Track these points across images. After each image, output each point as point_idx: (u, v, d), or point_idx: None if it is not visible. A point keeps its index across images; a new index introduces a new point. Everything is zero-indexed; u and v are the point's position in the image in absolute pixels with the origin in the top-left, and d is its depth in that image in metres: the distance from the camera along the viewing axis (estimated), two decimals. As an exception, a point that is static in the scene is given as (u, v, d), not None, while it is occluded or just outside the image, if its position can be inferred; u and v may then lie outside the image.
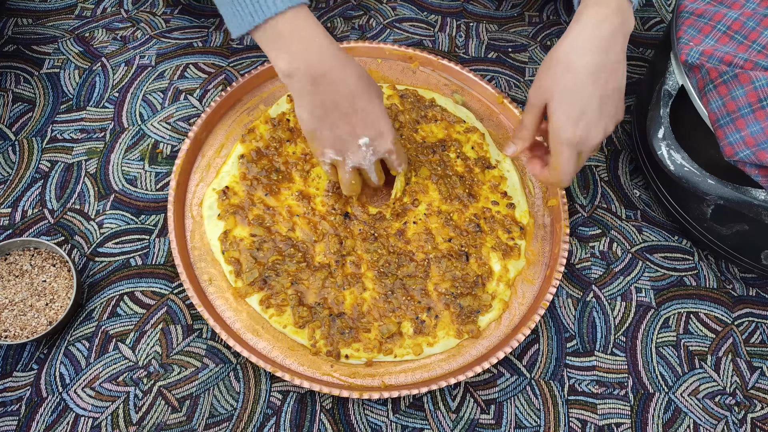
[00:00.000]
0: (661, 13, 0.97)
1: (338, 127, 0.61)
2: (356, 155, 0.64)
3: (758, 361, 0.70)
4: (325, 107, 0.60)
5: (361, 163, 0.65)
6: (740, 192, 0.61)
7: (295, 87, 0.59)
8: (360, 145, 0.63)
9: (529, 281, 0.72)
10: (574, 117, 0.57)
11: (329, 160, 0.65)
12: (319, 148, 0.64)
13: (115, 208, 0.75)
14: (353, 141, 0.62)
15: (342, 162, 0.65)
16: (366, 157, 0.64)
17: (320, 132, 0.62)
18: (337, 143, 0.63)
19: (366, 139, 0.63)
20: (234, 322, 0.67)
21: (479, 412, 0.66)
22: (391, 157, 0.66)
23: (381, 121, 0.63)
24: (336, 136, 0.62)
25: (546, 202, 0.76)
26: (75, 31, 0.89)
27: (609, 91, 0.58)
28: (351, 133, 0.62)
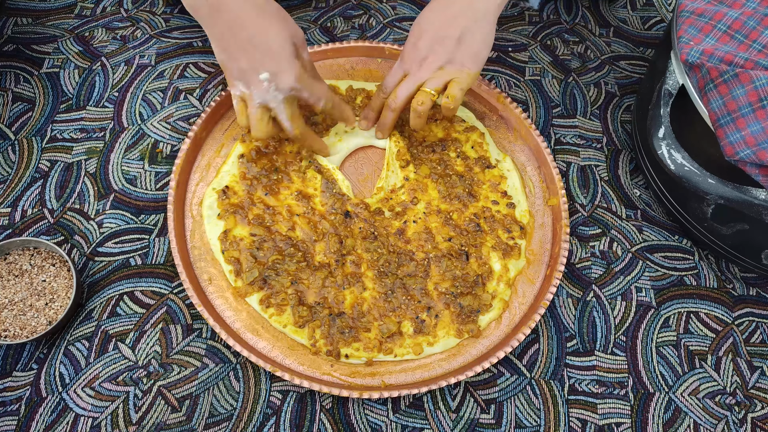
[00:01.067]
0: (661, 12, 0.97)
1: (239, 60, 0.62)
2: (260, 91, 0.63)
3: (758, 360, 0.70)
4: (225, 38, 0.61)
5: (266, 100, 0.63)
6: (741, 191, 0.61)
7: (200, 18, 0.62)
8: (261, 81, 0.62)
9: (530, 281, 0.72)
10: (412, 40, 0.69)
11: (239, 93, 0.65)
12: (231, 79, 0.64)
13: (115, 208, 0.75)
14: (254, 75, 0.62)
15: (249, 96, 0.64)
16: (269, 93, 0.63)
17: (227, 63, 0.63)
18: (242, 76, 0.62)
19: (266, 74, 0.62)
20: (234, 322, 0.67)
21: (479, 412, 0.66)
22: (302, 95, 0.65)
23: (281, 57, 0.62)
24: (239, 68, 0.62)
25: (546, 202, 0.76)
26: (75, 31, 0.89)
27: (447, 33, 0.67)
28: (251, 67, 0.62)
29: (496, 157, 0.78)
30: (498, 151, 0.79)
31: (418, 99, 0.69)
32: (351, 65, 0.85)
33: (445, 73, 0.68)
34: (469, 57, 0.68)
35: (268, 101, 0.64)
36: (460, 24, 0.66)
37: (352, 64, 0.85)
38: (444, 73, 0.68)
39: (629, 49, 0.93)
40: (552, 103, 0.86)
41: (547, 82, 0.88)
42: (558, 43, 0.93)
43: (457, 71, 0.68)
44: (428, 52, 0.68)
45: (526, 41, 0.92)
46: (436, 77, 0.68)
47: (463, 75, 0.68)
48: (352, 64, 0.85)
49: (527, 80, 0.88)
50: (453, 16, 0.67)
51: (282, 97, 0.64)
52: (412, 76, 0.69)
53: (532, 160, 0.79)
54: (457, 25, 0.67)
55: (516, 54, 0.91)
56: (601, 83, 0.89)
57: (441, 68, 0.68)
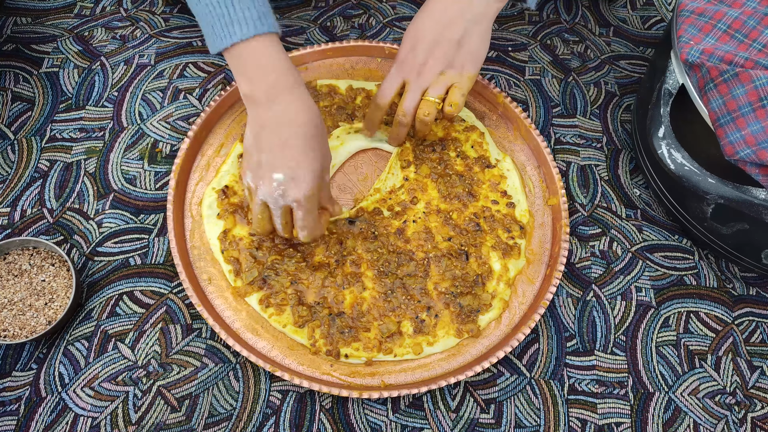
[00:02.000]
0: (661, 11, 0.97)
1: (263, 152, 0.61)
2: (266, 188, 0.61)
3: (758, 360, 0.70)
4: (260, 131, 0.61)
5: (268, 198, 0.62)
6: (740, 191, 0.61)
7: (250, 110, 0.62)
8: (272, 180, 0.61)
9: (529, 280, 0.72)
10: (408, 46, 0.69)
11: (245, 183, 0.64)
12: (243, 168, 0.64)
13: (115, 208, 0.75)
14: (268, 173, 0.61)
15: (254, 190, 0.63)
16: (273, 196, 0.62)
17: (250, 153, 0.62)
18: (257, 168, 0.62)
19: (280, 176, 0.60)
20: (233, 322, 0.67)
21: (479, 412, 0.66)
22: (297, 211, 0.62)
23: (303, 169, 0.60)
24: (258, 160, 0.61)
25: (546, 201, 0.76)
26: (74, 30, 0.89)
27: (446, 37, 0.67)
28: (270, 164, 0.61)
29: (496, 157, 0.78)
30: (498, 151, 0.79)
31: (423, 110, 0.70)
32: (351, 65, 0.85)
33: (446, 78, 0.68)
34: (468, 59, 0.68)
35: (269, 201, 0.63)
36: (459, 27, 0.66)
37: (351, 64, 0.85)
38: (445, 78, 0.68)
39: (629, 49, 0.93)
40: (552, 103, 0.86)
41: (546, 82, 0.88)
42: (558, 42, 0.93)
43: (457, 75, 0.68)
44: (427, 57, 0.68)
45: (526, 41, 0.92)
46: (438, 84, 0.68)
47: (464, 79, 0.68)
48: (351, 63, 0.85)
49: (527, 80, 0.88)
50: (451, 19, 0.66)
51: (282, 204, 0.62)
52: (414, 84, 0.69)
53: (531, 159, 0.79)
54: (455, 28, 0.66)
55: (516, 53, 0.91)
56: (601, 83, 0.89)
57: (442, 73, 0.68)
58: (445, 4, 0.67)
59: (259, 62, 0.60)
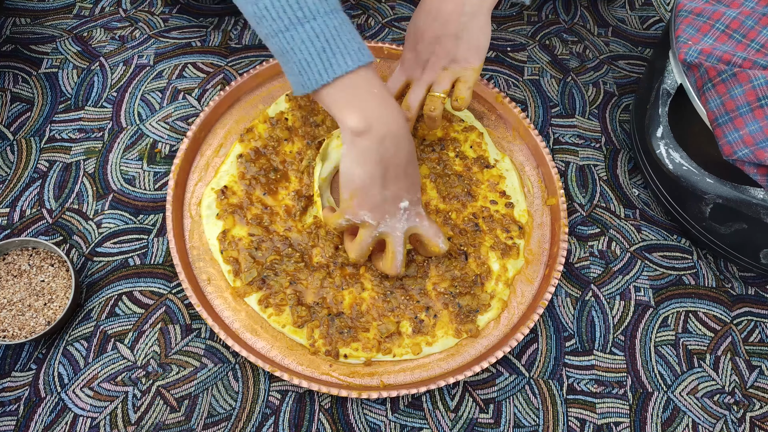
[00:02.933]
0: (660, 12, 0.97)
1: (387, 189, 0.60)
2: (392, 219, 0.62)
3: (757, 360, 0.70)
4: (382, 167, 0.59)
5: (394, 228, 0.62)
6: (739, 191, 0.61)
7: (362, 144, 0.58)
8: (400, 209, 0.61)
9: (528, 280, 0.72)
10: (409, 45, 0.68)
11: (359, 221, 0.62)
12: (356, 208, 0.61)
13: (114, 208, 0.75)
14: (396, 204, 0.61)
15: (373, 227, 0.62)
16: (400, 222, 0.62)
17: (369, 191, 0.60)
18: (378, 206, 0.61)
19: (406, 204, 0.62)
20: (233, 322, 0.67)
21: (478, 412, 0.66)
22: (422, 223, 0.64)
23: (418, 188, 0.63)
24: (383, 198, 0.60)
25: (545, 201, 0.76)
26: (73, 31, 0.89)
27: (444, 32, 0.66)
28: (396, 197, 0.61)
29: (495, 157, 0.78)
30: (497, 151, 0.79)
31: (429, 105, 0.69)
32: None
33: (450, 73, 0.68)
34: (471, 52, 0.67)
35: (394, 231, 0.63)
36: (456, 21, 0.66)
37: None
38: (449, 72, 0.68)
39: (628, 49, 0.93)
40: (550, 103, 0.86)
41: (545, 82, 0.88)
42: (557, 42, 0.93)
43: (461, 69, 0.68)
44: (429, 54, 0.68)
45: (525, 41, 0.92)
46: (442, 78, 0.68)
47: (468, 72, 0.68)
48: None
49: (526, 80, 0.88)
50: (448, 14, 0.66)
51: (406, 228, 0.63)
52: (418, 81, 0.69)
53: (530, 159, 0.79)
54: (453, 22, 0.66)
55: (514, 54, 0.91)
56: (600, 83, 0.89)
57: (445, 68, 0.68)
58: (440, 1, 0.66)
59: (370, 93, 0.57)
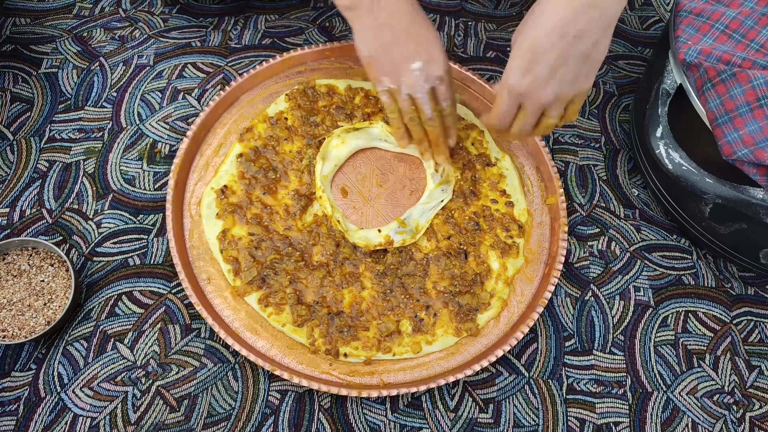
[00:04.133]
0: (659, 12, 0.97)
1: (392, 53, 0.63)
2: (408, 80, 0.64)
3: (756, 359, 0.70)
4: (382, 36, 0.63)
5: (414, 89, 0.65)
6: (738, 191, 0.61)
7: (356, 16, 0.64)
8: (413, 70, 0.64)
9: (528, 279, 0.72)
10: (524, 66, 0.57)
11: (386, 87, 0.66)
12: (377, 76, 0.66)
13: (114, 208, 0.75)
14: (406, 65, 0.64)
15: (397, 90, 0.66)
16: (419, 83, 0.64)
17: (377, 58, 0.64)
18: (391, 69, 0.64)
19: (419, 64, 0.63)
20: (233, 321, 0.67)
21: (478, 411, 0.66)
22: (441, 86, 0.66)
23: (434, 47, 0.64)
24: (391, 62, 0.64)
25: (544, 201, 0.76)
26: (73, 31, 0.89)
27: (573, 52, 0.55)
28: (404, 58, 0.63)
29: (496, 156, 0.78)
30: (497, 150, 0.79)
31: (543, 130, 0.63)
32: (349, 64, 0.85)
33: (567, 98, 0.59)
34: (592, 71, 0.58)
35: (416, 91, 0.65)
36: (590, 38, 0.55)
37: (350, 63, 0.85)
38: (566, 98, 0.59)
39: (627, 49, 0.93)
40: (550, 103, 0.86)
41: (545, 82, 0.88)
42: (556, 42, 0.93)
43: (580, 92, 0.59)
44: (549, 79, 0.56)
45: (525, 41, 0.92)
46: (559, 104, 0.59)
47: (583, 95, 0.60)
48: (350, 63, 0.85)
49: (525, 80, 0.88)
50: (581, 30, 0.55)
51: (428, 87, 0.65)
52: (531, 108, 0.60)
53: (530, 159, 0.79)
54: (586, 40, 0.55)
55: (514, 54, 0.91)
56: (600, 83, 0.89)
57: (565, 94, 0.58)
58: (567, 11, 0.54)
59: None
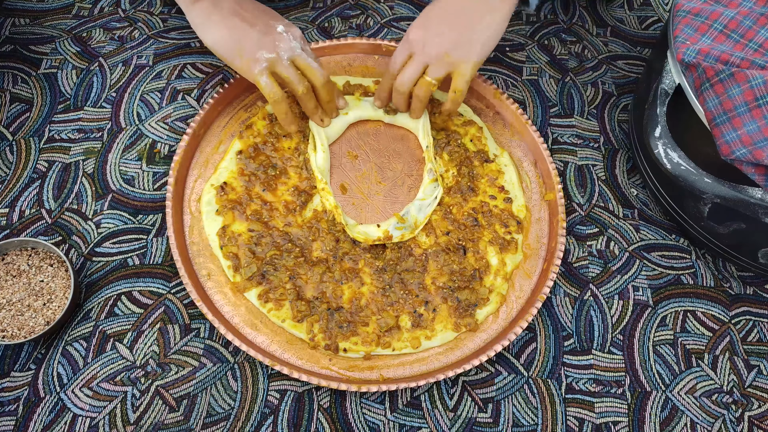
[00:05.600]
0: (658, 12, 0.98)
1: (255, 25, 0.67)
2: (283, 42, 0.67)
3: (755, 359, 0.70)
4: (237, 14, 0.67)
5: (292, 49, 0.68)
6: (737, 190, 0.61)
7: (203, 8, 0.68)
8: (281, 32, 0.67)
9: (527, 275, 0.72)
10: (420, 23, 0.69)
11: (266, 63, 0.67)
12: (251, 56, 0.67)
13: (113, 208, 0.75)
14: (273, 31, 0.67)
15: (278, 58, 0.67)
16: (292, 42, 0.68)
17: (244, 37, 0.67)
18: (263, 39, 0.67)
19: (281, 26, 0.69)
20: (233, 317, 0.67)
21: (477, 411, 0.66)
22: (305, 45, 0.70)
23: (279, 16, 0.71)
24: (258, 32, 0.67)
25: (543, 197, 0.76)
26: (72, 31, 0.89)
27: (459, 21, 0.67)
28: (268, 26, 0.67)
29: (494, 152, 0.78)
30: (496, 146, 0.79)
31: (419, 88, 0.71)
32: (348, 62, 0.86)
33: (450, 61, 0.68)
34: (477, 46, 0.67)
35: (295, 53, 0.68)
36: (475, 12, 0.67)
37: (349, 61, 0.86)
38: (449, 60, 0.68)
39: (626, 49, 0.93)
40: (549, 103, 0.87)
41: (544, 82, 0.88)
42: (555, 42, 0.93)
43: (462, 60, 0.68)
44: (436, 34, 0.68)
45: (524, 41, 0.93)
46: (440, 64, 0.68)
47: (468, 66, 0.68)
48: (349, 60, 0.86)
49: (524, 80, 0.89)
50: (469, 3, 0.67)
51: (298, 45, 0.69)
52: (417, 57, 0.69)
53: (528, 155, 0.80)
54: (472, 12, 0.67)
55: (513, 54, 0.91)
56: (599, 83, 0.89)
57: (447, 54, 0.68)
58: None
59: None
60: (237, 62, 0.68)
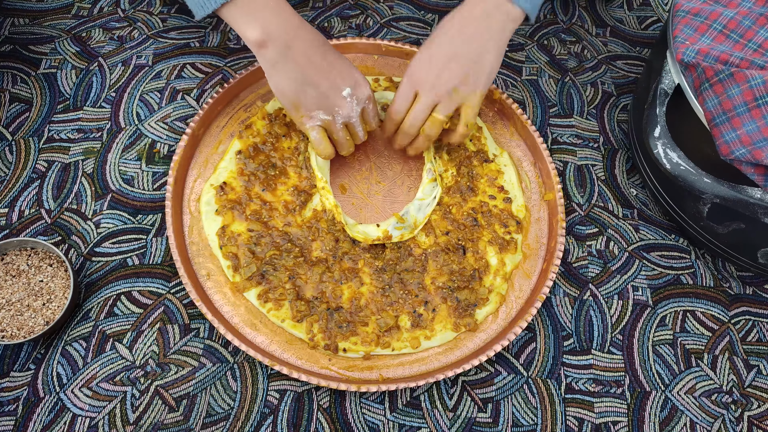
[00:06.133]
0: (657, 12, 0.98)
1: (320, 85, 0.64)
2: (344, 109, 0.67)
3: (755, 359, 0.71)
4: (303, 68, 0.63)
5: (349, 116, 0.67)
6: (736, 190, 0.61)
7: (269, 56, 0.63)
8: (345, 97, 0.66)
9: (526, 275, 0.72)
10: (424, 58, 0.67)
11: (320, 122, 0.67)
12: (307, 113, 0.66)
13: (112, 208, 0.75)
14: (338, 94, 0.65)
15: (332, 121, 0.67)
16: (353, 109, 0.67)
17: (304, 95, 0.65)
18: (323, 101, 0.65)
19: (348, 89, 0.66)
20: (232, 317, 0.67)
21: (476, 411, 0.66)
22: (369, 105, 0.69)
23: (354, 71, 0.67)
24: (321, 93, 0.65)
25: (542, 197, 0.77)
26: (72, 31, 0.89)
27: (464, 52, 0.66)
28: (333, 87, 0.65)
29: (494, 152, 0.78)
30: (495, 146, 0.79)
31: (429, 127, 0.69)
32: (347, 62, 0.86)
33: (458, 96, 0.67)
34: (483, 77, 0.67)
35: (351, 117, 0.68)
36: (477, 44, 0.65)
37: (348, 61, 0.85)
38: (457, 96, 0.67)
39: (626, 49, 0.93)
40: (549, 103, 0.87)
41: (543, 82, 0.89)
42: (555, 42, 0.93)
43: (470, 93, 0.67)
44: (442, 70, 0.66)
45: (523, 41, 0.93)
46: (449, 100, 0.67)
47: (476, 97, 0.68)
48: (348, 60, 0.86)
49: (524, 80, 0.89)
50: (469, 37, 0.65)
51: (359, 110, 0.68)
52: (425, 97, 0.67)
53: (528, 155, 0.80)
54: (473, 44, 0.65)
55: (513, 54, 0.91)
56: (598, 83, 0.89)
57: (455, 89, 0.66)
58: (461, 23, 0.66)
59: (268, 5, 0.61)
60: (293, 113, 0.67)
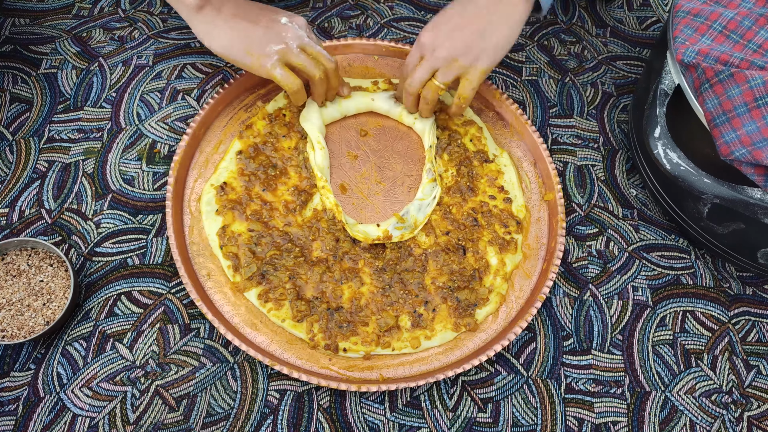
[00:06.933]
0: (657, 12, 0.98)
1: (259, 21, 0.69)
2: (289, 32, 0.69)
3: (755, 359, 0.71)
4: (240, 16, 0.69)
5: (299, 37, 0.70)
6: (736, 191, 0.61)
7: (207, 17, 0.69)
8: (285, 23, 0.69)
9: (526, 275, 0.72)
10: (432, 26, 0.70)
11: (277, 55, 0.68)
12: (260, 52, 0.68)
13: (113, 208, 0.75)
14: (278, 23, 0.69)
15: (287, 48, 0.69)
16: (297, 31, 0.69)
17: (249, 36, 0.68)
18: (268, 32, 0.68)
19: (284, 18, 0.70)
20: (232, 317, 0.67)
21: (476, 411, 0.66)
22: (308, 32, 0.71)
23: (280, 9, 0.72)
24: (263, 27, 0.68)
25: (542, 197, 0.77)
26: (72, 31, 0.89)
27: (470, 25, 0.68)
28: (271, 20, 0.69)
29: (494, 152, 0.78)
30: (495, 146, 0.79)
31: (426, 91, 0.72)
32: (348, 62, 0.86)
33: (458, 66, 0.69)
34: (486, 52, 0.69)
35: (303, 41, 0.70)
36: (485, 19, 0.68)
37: (349, 61, 0.86)
38: (457, 65, 0.69)
39: (626, 50, 0.93)
40: (549, 103, 0.87)
41: (544, 83, 0.89)
42: (555, 43, 0.93)
43: (470, 66, 0.69)
44: (447, 39, 0.68)
45: (523, 41, 0.93)
46: (449, 69, 0.69)
47: (476, 72, 0.69)
48: (349, 61, 0.86)
49: (524, 80, 0.89)
50: (479, 10, 0.68)
51: (305, 34, 0.70)
52: (426, 61, 0.70)
53: (528, 156, 0.80)
54: (482, 18, 0.68)
55: (513, 54, 0.91)
56: (598, 83, 0.89)
57: (455, 59, 0.69)
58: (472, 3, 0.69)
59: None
60: (248, 61, 0.69)
